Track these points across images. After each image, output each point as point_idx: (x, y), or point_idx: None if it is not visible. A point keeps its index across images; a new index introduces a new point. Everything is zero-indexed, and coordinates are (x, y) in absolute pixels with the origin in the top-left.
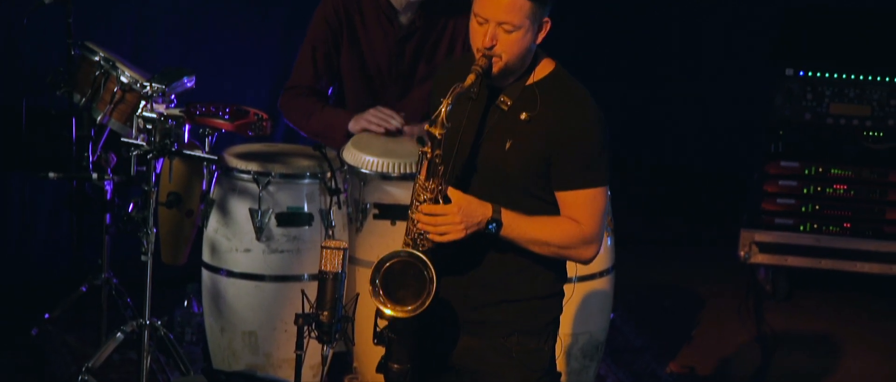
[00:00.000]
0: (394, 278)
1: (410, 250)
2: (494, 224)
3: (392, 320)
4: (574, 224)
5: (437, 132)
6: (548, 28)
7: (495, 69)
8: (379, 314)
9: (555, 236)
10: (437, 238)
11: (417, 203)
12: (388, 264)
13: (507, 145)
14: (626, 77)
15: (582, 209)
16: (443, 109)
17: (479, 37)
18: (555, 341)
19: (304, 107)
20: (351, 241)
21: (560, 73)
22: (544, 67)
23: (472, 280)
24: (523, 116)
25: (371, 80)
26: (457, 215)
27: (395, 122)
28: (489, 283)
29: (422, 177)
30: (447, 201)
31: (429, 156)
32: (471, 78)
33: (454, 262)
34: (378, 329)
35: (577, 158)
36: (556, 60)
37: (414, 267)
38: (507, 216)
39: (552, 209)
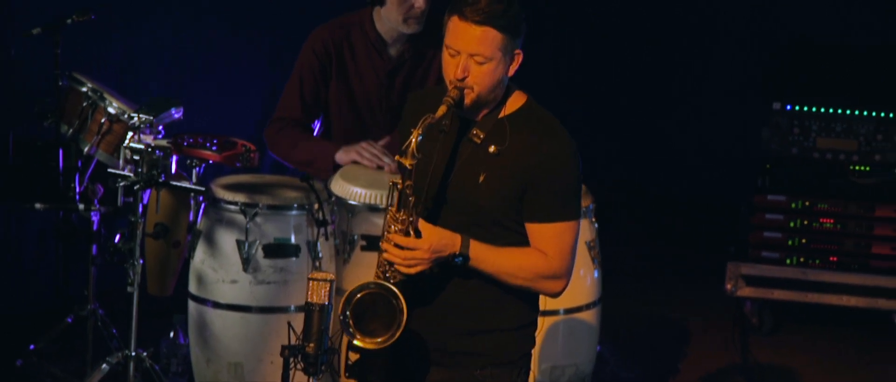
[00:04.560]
0: (364, 309)
1: (380, 281)
2: (461, 258)
3: (363, 351)
4: (542, 257)
5: (407, 163)
6: (519, 60)
7: (467, 101)
8: (350, 346)
9: (523, 268)
10: (405, 271)
11: (388, 234)
12: (358, 295)
13: (481, 178)
14: (622, 108)
15: (550, 242)
16: (413, 140)
17: (451, 68)
18: (527, 375)
19: (290, 137)
20: (338, 272)
21: (532, 106)
22: (516, 100)
23: (444, 311)
24: (492, 149)
25: (359, 112)
26: (426, 251)
27: (387, 160)
28: (462, 314)
29: (393, 208)
30: (418, 233)
31: (399, 187)
32: (442, 109)
33: (427, 293)
34: (350, 362)
35: (551, 190)
36: (528, 94)
37: (384, 298)
38: (475, 249)
39: (524, 241)
